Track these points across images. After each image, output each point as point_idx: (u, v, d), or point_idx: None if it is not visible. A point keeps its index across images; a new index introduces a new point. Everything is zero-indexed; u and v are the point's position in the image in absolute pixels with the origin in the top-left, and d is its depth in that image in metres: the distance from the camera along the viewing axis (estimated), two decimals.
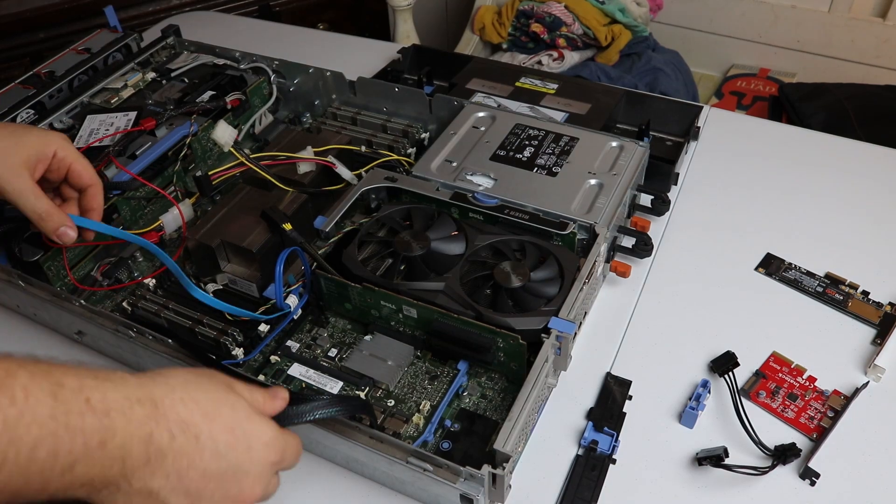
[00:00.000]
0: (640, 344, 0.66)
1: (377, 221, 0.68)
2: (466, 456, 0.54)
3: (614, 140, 0.74)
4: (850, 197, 0.80)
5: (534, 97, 0.87)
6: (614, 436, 0.58)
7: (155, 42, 0.93)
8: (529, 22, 1.57)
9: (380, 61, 1.01)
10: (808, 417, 0.59)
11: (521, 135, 0.76)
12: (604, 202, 0.67)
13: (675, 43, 1.69)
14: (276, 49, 0.93)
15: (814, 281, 0.70)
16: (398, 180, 0.71)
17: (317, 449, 0.57)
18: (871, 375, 0.62)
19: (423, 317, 0.60)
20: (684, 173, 0.83)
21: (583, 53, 1.58)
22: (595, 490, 0.55)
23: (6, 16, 1.65)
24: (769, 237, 0.75)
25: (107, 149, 0.71)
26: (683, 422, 0.59)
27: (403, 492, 0.55)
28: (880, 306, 0.68)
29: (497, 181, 0.71)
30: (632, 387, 0.62)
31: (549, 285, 0.61)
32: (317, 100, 0.89)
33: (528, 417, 0.54)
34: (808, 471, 0.55)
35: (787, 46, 1.79)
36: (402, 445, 0.51)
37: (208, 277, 0.66)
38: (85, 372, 0.34)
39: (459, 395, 0.60)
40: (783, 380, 0.62)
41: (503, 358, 0.59)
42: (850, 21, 1.69)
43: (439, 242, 0.65)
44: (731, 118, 0.99)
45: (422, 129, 0.83)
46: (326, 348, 0.64)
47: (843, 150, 0.89)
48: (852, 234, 0.76)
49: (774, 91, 1.66)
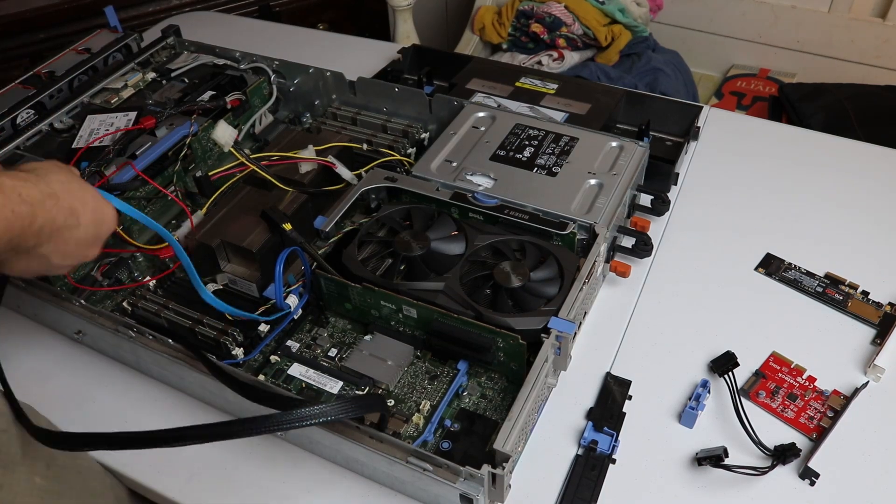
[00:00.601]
0: (640, 344, 0.66)
1: (377, 221, 0.68)
2: (466, 456, 0.54)
3: (614, 140, 0.74)
4: (850, 197, 0.80)
5: (534, 97, 0.87)
6: (614, 436, 0.58)
7: (155, 42, 0.93)
8: (529, 22, 1.57)
9: (380, 61, 1.01)
10: (807, 417, 0.59)
11: (521, 135, 0.76)
12: (604, 202, 0.67)
13: (675, 43, 1.69)
14: (276, 49, 0.93)
15: (814, 281, 0.70)
16: (398, 180, 0.71)
17: (317, 449, 0.57)
18: (870, 375, 0.62)
19: (423, 317, 0.60)
20: (684, 173, 0.83)
21: (583, 53, 1.58)
22: (595, 490, 0.55)
23: (6, 16, 1.65)
24: (769, 237, 0.75)
25: (107, 148, 0.71)
26: (683, 422, 0.59)
27: (403, 492, 0.55)
28: (880, 306, 0.68)
29: (497, 181, 0.71)
30: (632, 387, 0.62)
31: (549, 285, 0.61)
32: (317, 100, 0.89)
33: (527, 417, 0.54)
34: (807, 471, 0.55)
35: (787, 46, 1.79)
36: (402, 445, 0.51)
37: (208, 277, 0.66)
38: (8, 174, 0.46)
39: (459, 395, 0.60)
40: (783, 380, 0.62)
41: (503, 358, 0.59)
42: (850, 21, 1.69)
43: (439, 242, 0.65)
44: (731, 118, 0.99)
45: (422, 129, 0.83)
46: (326, 348, 0.64)
47: (843, 150, 0.89)
48: (852, 234, 0.76)
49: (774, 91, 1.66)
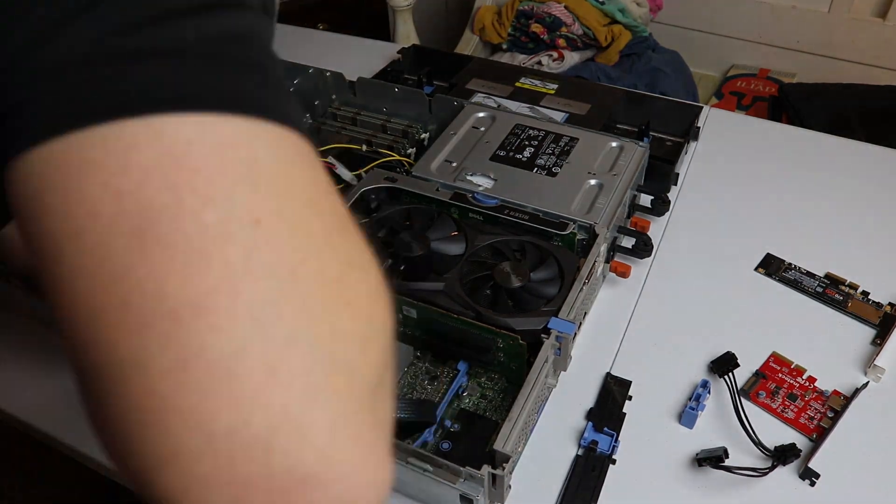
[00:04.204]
0: (640, 344, 0.66)
1: (377, 222, 0.68)
2: (466, 456, 0.54)
3: (614, 140, 0.74)
4: (850, 197, 0.80)
5: (534, 97, 0.87)
6: (614, 436, 0.58)
7: None
8: (529, 22, 1.57)
9: (380, 61, 1.01)
10: (807, 418, 0.59)
11: (521, 135, 0.76)
12: (604, 202, 0.67)
13: (675, 43, 1.69)
14: (277, 49, 0.93)
15: (814, 281, 0.70)
16: (398, 180, 0.71)
17: None
18: (870, 376, 0.62)
19: (423, 317, 0.60)
20: (684, 173, 0.83)
21: (583, 54, 1.58)
22: (595, 490, 0.55)
23: None
24: (769, 237, 0.75)
25: None
26: (683, 422, 0.59)
27: (403, 492, 0.55)
28: (880, 306, 0.68)
29: (497, 181, 0.71)
30: (632, 387, 0.62)
31: (549, 285, 0.61)
32: (317, 100, 0.89)
33: (527, 418, 0.54)
34: (807, 471, 0.55)
35: (787, 46, 1.79)
36: (402, 445, 0.51)
37: None
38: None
39: (459, 396, 0.60)
40: (783, 380, 0.62)
41: (503, 358, 0.59)
42: (850, 21, 1.69)
43: (439, 243, 0.65)
44: (731, 118, 0.99)
45: (422, 130, 0.83)
46: None
47: (843, 150, 0.89)
48: (852, 234, 0.76)
49: (774, 91, 1.66)
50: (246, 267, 0.21)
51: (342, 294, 0.24)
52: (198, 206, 0.21)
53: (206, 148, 0.22)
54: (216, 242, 0.21)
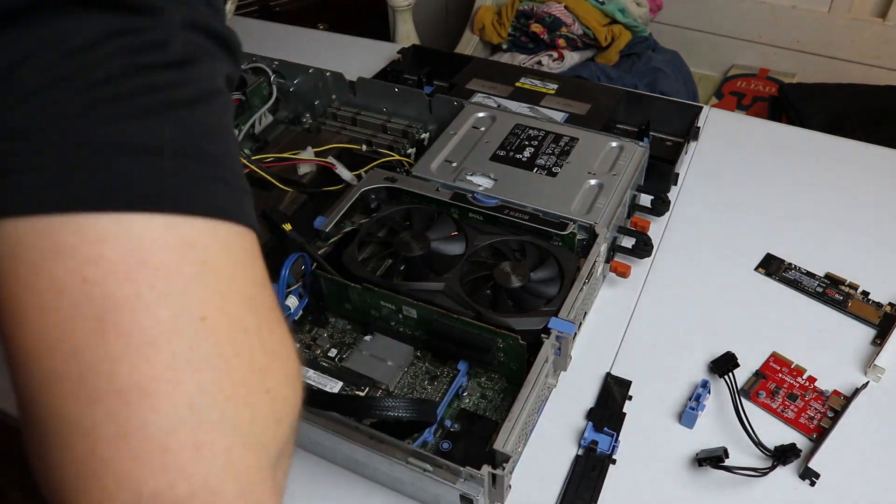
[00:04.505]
0: (640, 344, 0.66)
1: (377, 222, 0.68)
2: (466, 456, 0.54)
3: (614, 140, 0.74)
4: (850, 197, 0.80)
5: (534, 97, 0.87)
6: (614, 436, 0.58)
7: None
8: (529, 22, 1.57)
9: (380, 61, 1.01)
10: (807, 418, 0.59)
11: (521, 135, 0.76)
12: (604, 202, 0.67)
13: (675, 43, 1.69)
14: (276, 49, 0.93)
15: (814, 281, 0.70)
16: (398, 180, 0.71)
17: (317, 449, 0.57)
18: (870, 375, 0.62)
19: (423, 317, 0.60)
20: (684, 173, 0.83)
21: (583, 54, 1.58)
22: (595, 490, 0.55)
23: None
24: (769, 237, 0.75)
25: None
26: (683, 422, 0.59)
27: (403, 492, 0.55)
28: (880, 306, 0.68)
29: (497, 181, 0.71)
30: (632, 387, 0.62)
31: (549, 285, 0.61)
32: (317, 100, 0.89)
33: (528, 418, 0.54)
34: (808, 471, 0.55)
35: (787, 46, 1.79)
36: (402, 446, 0.51)
37: None
38: None
39: (459, 396, 0.60)
40: (783, 380, 0.62)
41: (503, 358, 0.59)
42: (850, 21, 1.69)
43: (439, 243, 0.65)
44: (731, 118, 0.99)
45: (422, 130, 0.83)
46: (326, 348, 0.64)
47: (843, 150, 0.89)
48: (852, 234, 0.76)
49: (774, 91, 1.67)
50: (188, 359, 0.24)
51: (264, 382, 0.27)
52: (154, 301, 0.24)
53: (168, 248, 0.24)
54: (165, 336, 0.24)
